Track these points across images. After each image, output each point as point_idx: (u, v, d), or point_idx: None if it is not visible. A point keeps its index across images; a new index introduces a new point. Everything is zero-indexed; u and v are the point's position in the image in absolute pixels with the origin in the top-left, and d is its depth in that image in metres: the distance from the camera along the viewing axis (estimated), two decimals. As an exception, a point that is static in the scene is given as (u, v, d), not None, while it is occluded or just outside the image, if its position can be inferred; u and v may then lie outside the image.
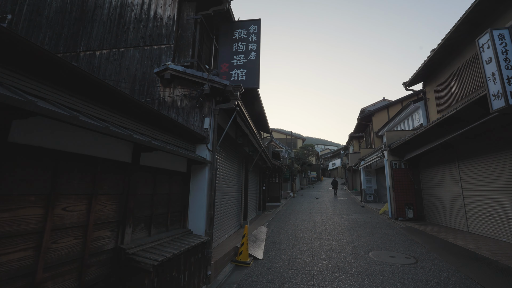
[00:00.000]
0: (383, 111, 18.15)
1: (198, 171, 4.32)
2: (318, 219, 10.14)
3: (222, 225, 5.94)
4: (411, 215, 9.97)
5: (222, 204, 6.05)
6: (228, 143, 6.48)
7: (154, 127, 3.28)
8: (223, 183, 6.09)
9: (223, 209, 6.12)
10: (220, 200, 5.83)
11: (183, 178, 4.20)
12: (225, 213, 6.30)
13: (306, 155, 31.00)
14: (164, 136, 3.51)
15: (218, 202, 5.65)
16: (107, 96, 2.42)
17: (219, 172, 5.60)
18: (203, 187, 4.23)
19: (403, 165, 10.60)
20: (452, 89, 9.29)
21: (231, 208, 6.96)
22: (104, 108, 2.44)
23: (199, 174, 4.30)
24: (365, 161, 16.67)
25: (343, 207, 14.30)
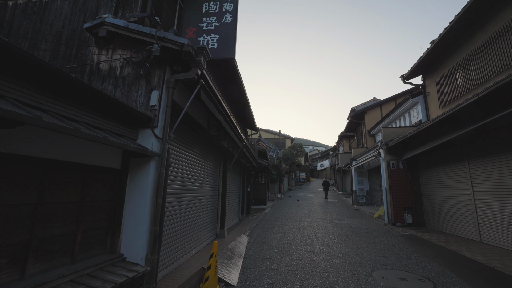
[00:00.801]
0: (376, 108, 17.30)
1: (138, 168, 2.97)
2: (308, 226, 8.95)
3: (185, 239, 4.58)
4: (410, 220, 8.96)
5: (187, 211, 4.70)
6: (196, 134, 5.14)
7: (68, 100, 1.93)
8: (186, 185, 4.74)
9: (188, 218, 4.76)
10: (182, 207, 4.48)
11: (114, 177, 2.85)
12: (192, 223, 4.95)
13: (294, 155, 29.97)
14: (85, 116, 2.16)
15: (179, 210, 4.31)
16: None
17: (179, 170, 4.25)
18: (146, 191, 2.88)
19: (402, 165, 9.60)
20: (457, 81, 8.35)
21: (202, 216, 5.61)
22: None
23: (141, 172, 2.95)
24: (357, 161, 15.71)
25: (334, 210, 13.22)
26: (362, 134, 18.22)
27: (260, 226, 8.96)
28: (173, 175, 4.11)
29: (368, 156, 12.22)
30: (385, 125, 14.78)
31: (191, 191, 4.98)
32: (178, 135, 4.34)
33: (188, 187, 4.82)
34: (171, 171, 4.05)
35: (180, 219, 4.38)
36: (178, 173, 4.37)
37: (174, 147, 4.16)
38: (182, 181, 4.51)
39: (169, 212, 3.92)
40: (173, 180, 4.13)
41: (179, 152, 4.42)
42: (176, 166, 4.26)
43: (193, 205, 5.08)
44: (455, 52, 8.35)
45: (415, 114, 11.00)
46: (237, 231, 7.84)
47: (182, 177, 4.55)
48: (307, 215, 11.52)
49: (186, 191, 4.71)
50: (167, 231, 3.86)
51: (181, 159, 4.53)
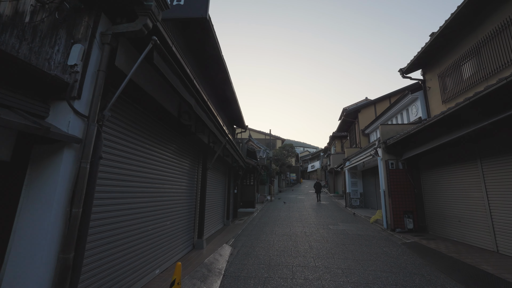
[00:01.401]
0: (370, 107, 16.67)
1: (45, 161, 1.91)
2: (300, 232, 8.01)
3: (143, 257, 3.52)
4: (410, 225, 8.18)
5: (147, 221, 3.65)
6: (162, 123, 4.11)
7: None
8: (147, 186, 3.69)
9: (150, 228, 3.71)
10: (139, 216, 3.43)
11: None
12: (155, 235, 3.89)
13: (285, 155, 29.16)
14: None
15: (132, 220, 3.25)
16: None
17: (134, 167, 3.21)
18: (52, 196, 1.83)
19: (401, 165, 8.84)
20: (463, 73, 7.65)
21: (171, 225, 4.56)
22: None
23: (48, 167, 1.89)
24: (350, 162, 14.97)
25: (327, 214, 12.37)
26: (355, 134, 17.54)
27: (247, 232, 7.94)
28: (122, 173, 3.07)
29: (364, 156, 11.44)
30: (378, 126, 14.09)
31: (154, 194, 3.93)
32: (133, 120, 3.30)
33: (149, 190, 3.76)
34: (120, 168, 3.00)
35: (134, 232, 3.32)
36: (133, 170, 3.32)
37: (125, 135, 3.12)
38: (139, 182, 3.45)
39: (114, 224, 2.87)
40: (122, 180, 3.08)
41: (134, 143, 3.37)
42: (128, 161, 3.21)
43: (158, 212, 4.03)
44: (461, 41, 7.65)
45: (414, 111, 10.30)
46: (219, 239, 6.80)
47: (140, 177, 3.50)
48: (298, 219, 10.60)
49: (146, 195, 3.65)
50: (111, 251, 2.80)
51: (138, 152, 3.48)
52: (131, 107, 3.23)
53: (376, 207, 12.82)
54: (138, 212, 3.43)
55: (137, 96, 3.08)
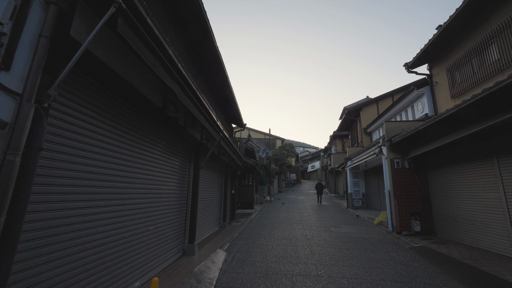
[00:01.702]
0: (372, 105, 16.19)
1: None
2: (301, 235, 7.51)
3: (120, 268, 3.03)
4: (418, 228, 7.69)
5: (126, 226, 3.16)
6: (147, 116, 3.63)
7: None
8: (126, 187, 3.21)
9: (129, 235, 3.23)
10: (115, 221, 2.95)
11: None
12: (136, 242, 3.41)
13: (285, 155, 28.66)
14: None
15: (107, 227, 2.77)
16: None
17: (109, 164, 2.73)
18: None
19: (407, 164, 8.35)
20: (474, 66, 7.17)
21: (157, 230, 4.07)
22: None
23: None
24: (352, 161, 14.49)
25: (329, 215, 11.88)
26: (357, 133, 17.06)
27: (244, 236, 7.45)
28: (93, 170, 2.58)
29: (367, 155, 10.95)
30: (382, 122, 13.61)
31: (136, 196, 3.44)
32: (105, 110, 2.81)
33: (129, 191, 3.28)
34: (90, 165, 2.52)
35: (107, 240, 2.83)
36: (107, 168, 2.84)
37: (97, 126, 2.63)
38: (114, 182, 2.97)
39: (77, 232, 2.39)
40: (91, 179, 2.60)
41: (110, 137, 2.89)
42: (101, 158, 2.73)
43: (139, 216, 3.54)
44: (473, 32, 7.17)
45: (419, 108, 9.82)
46: (214, 243, 6.31)
47: (117, 176, 3.01)
48: (299, 221, 10.11)
49: (124, 196, 3.17)
50: (72, 264, 2.32)
51: (115, 148, 3.00)
52: (104, 94, 2.75)
53: (380, 208, 12.33)
54: (113, 216, 2.95)
55: (107, 79, 2.59)
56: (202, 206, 6.41)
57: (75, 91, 2.35)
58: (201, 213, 6.30)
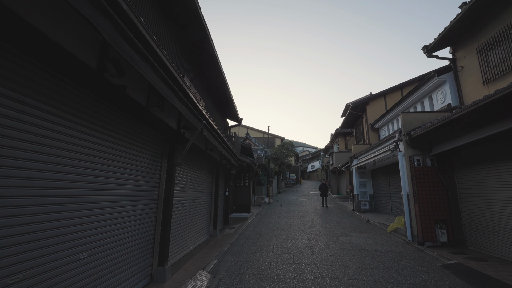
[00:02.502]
0: (379, 99, 14.94)
1: None
2: (305, 248, 6.24)
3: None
4: (444, 238, 6.44)
5: (60, 247, 1.86)
6: (100, 99, 2.33)
7: None
8: (70, 196, 1.90)
9: (61, 261, 1.93)
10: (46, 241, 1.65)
11: None
12: (74, 269, 2.11)
13: (284, 154, 27.38)
14: None
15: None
16: None
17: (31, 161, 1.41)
18: None
19: (430, 161, 7.09)
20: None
21: (108, 252, 2.77)
22: None
23: None
24: (358, 160, 13.24)
25: (335, 220, 10.61)
26: (362, 129, 15.80)
27: (236, 248, 6.17)
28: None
29: (378, 153, 9.69)
30: (393, 116, 12.37)
31: (79, 205, 2.17)
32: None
33: (74, 198, 2.00)
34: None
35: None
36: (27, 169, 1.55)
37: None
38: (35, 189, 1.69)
39: None
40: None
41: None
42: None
43: (74, 238, 2.26)
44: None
45: (440, 98, 8.56)
46: (197, 260, 5.03)
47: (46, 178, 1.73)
48: (301, 227, 8.83)
49: (60, 207, 1.89)
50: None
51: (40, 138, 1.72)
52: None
53: (391, 211, 11.07)
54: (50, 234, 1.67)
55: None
56: (180, 214, 5.12)
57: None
58: (179, 223, 5.01)
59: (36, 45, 1.88)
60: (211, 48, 6.65)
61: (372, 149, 11.15)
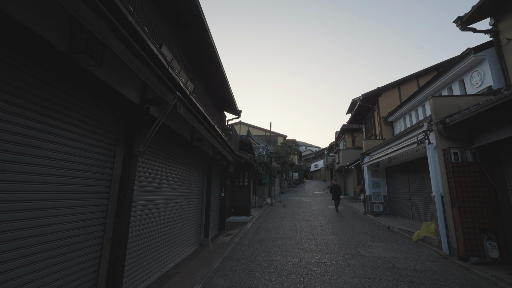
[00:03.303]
0: (393, 90, 13.54)
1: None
2: (317, 264, 4.90)
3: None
4: (494, 253, 5.08)
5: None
6: None
7: None
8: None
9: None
10: None
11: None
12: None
13: (287, 152, 26.04)
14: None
15: None
16: None
17: None
18: None
19: (471, 156, 5.72)
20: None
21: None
22: None
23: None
24: (371, 157, 11.87)
25: (347, 225, 9.25)
26: (374, 123, 14.40)
27: (230, 265, 4.84)
28: None
29: (398, 147, 8.31)
30: (413, 106, 10.96)
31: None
32: None
33: None
34: None
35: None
36: None
37: None
38: None
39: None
40: None
41: None
42: None
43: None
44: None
45: (476, 80, 7.16)
46: (174, 285, 3.71)
47: None
48: (309, 234, 7.48)
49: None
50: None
51: None
52: None
53: (411, 215, 9.68)
54: None
55: None
56: (150, 222, 3.80)
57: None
58: (147, 234, 3.67)
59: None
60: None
61: (388, 144, 9.78)
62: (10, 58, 1.80)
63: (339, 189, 13.05)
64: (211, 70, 7.73)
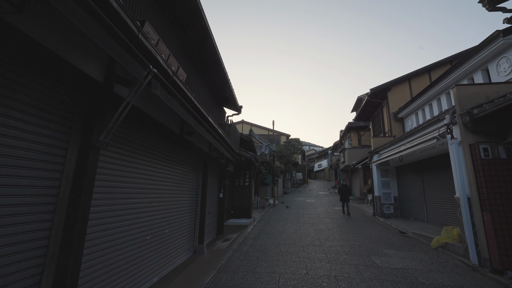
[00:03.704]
0: (403, 84, 12.75)
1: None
2: (327, 278, 4.19)
3: None
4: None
5: None
6: None
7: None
8: None
9: None
10: None
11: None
12: None
13: (291, 151, 25.30)
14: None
15: None
16: None
17: None
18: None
19: (505, 152, 4.97)
20: None
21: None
22: None
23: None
24: (380, 155, 11.12)
25: (356, 228, 8.52)
26: (383, 120, 13.62)
27: (224, 279, 4.16)
28: None
29: (412, 144, 7.56)
30: (427, 100, 10.18)
31: None
32: None
33: None
34: None
35: None
36: None
37: None
38: None
39: None
40: None
41: None
42: None
43: None
44: None
45: (504, 67, 6.38)
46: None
47: None
48: (315, 240, 6.78)
49: None
50: None
51: None
52: None
53: (426, 218, 8.91)
54: None
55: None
56: (119, 234, 3.10)
57: None
58: (113, 253, 2.97)
59: None
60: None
61: (400, 140, 9.03)
62: None
63: (348, 190, 11.89)
64: (208, 62, 7.06)
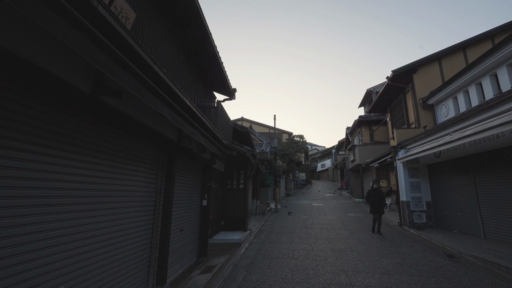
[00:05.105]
0: (432, 64, 10.54)
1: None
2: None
3: None
4: None
5: None
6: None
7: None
8: None
9: None
10: None
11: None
12: None
13: (294, 149, 23.14)
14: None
15: None
16: None
17: None
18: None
19: None
20: None
21: None
22: None
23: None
24: (407, 150, 8.96)
25: (388, 247, 6.34)
26: (406, 109, 11.41)
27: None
28: None
29: (463, 134, 5.36)
30: (471, 80, 7.96)
31: None
32: None
33: None
34: None
35: None
36: None
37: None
38: None
39: None
40: None
41: None
42: None
43: None
44: None
45: None
46: None
47: None
48: (340, 272, 4.61)
49: None
50: None
51: None
52: None
53: (482, 233, 6.67)
54: None
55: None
56: None
57: None
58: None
59: None
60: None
61: (440, 130, 6.86)
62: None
63: (382, 197, 7.96)
64: (202, 46, 4.91)
